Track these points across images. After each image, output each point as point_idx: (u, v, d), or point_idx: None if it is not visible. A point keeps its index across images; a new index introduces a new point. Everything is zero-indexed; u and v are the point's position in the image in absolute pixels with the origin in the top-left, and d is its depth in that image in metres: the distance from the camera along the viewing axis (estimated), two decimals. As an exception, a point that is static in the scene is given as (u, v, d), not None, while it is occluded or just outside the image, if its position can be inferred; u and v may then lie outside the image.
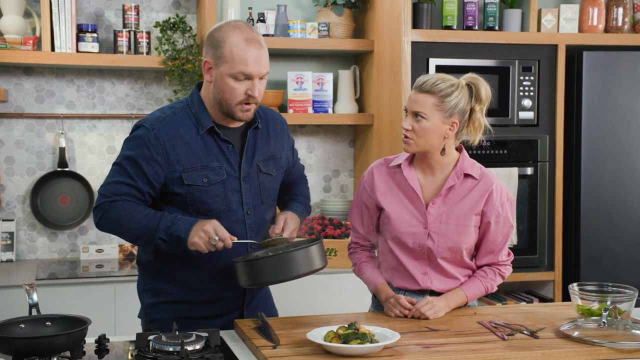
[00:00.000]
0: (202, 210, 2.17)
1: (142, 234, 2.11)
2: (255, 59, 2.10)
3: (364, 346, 1.84)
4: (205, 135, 2.18)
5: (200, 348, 1.94)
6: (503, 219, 2.32)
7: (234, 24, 2.15)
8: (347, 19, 3.88)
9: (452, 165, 2.31)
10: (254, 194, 2.24)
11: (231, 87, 2.11)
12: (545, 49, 3.69)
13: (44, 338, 1.79)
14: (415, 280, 2.33)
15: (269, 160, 2.29)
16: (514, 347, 1.93)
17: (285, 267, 2.02)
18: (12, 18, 3.43)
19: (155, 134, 2.14)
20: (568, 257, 3.79)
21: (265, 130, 2.30)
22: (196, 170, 2.15)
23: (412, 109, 2.24)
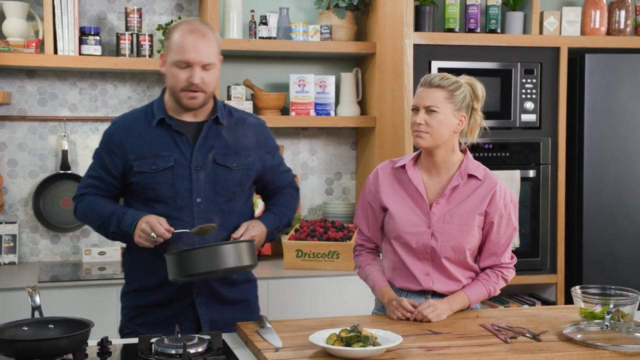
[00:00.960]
0: (151, 197, 2.32)
1: (101, 227, 2.34)
2: (194, 47, 2.24)
3: (367, 349, 1.84)
4: (159, 127, 2.34)
5: (203, 351, 1.95)
6: (506, 220, 2.33)
7: (187, 20, 2.35)
8: (349, 21, 3.88)
9: (457, 166, 2.35)
10: (206, 183, 2.32)
11: (174, 74, 2.27)
12: (547, 51, 3.69)
13: (46, 340, 1.79)
14: (417, 281, 2.34)
15: (230, 155, 2.37)
16: (517, 350, 1.93)
17: (212, 259, 2.06)
18: (15, 21, 3.44)
19: (113, 129, 2.38)
20: (570, 260, 3.79)
21: (232, 128, 2.40)
22: (146, 159, 2.32)
23: (423, 104, 2.29)
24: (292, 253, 3.57)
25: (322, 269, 3.53)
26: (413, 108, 2.33)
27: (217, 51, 2.32)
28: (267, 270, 3.57)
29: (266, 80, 3.96)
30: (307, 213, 4.05)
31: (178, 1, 3.84)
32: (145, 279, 2.37)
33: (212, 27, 2.35)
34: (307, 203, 4.06)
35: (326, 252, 3.54)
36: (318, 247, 3.54)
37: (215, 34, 2.33)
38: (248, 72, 3.92)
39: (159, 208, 2.31)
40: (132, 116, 2.42)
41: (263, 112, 3.79)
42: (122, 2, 3.77)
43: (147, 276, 2.36)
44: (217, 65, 2.31)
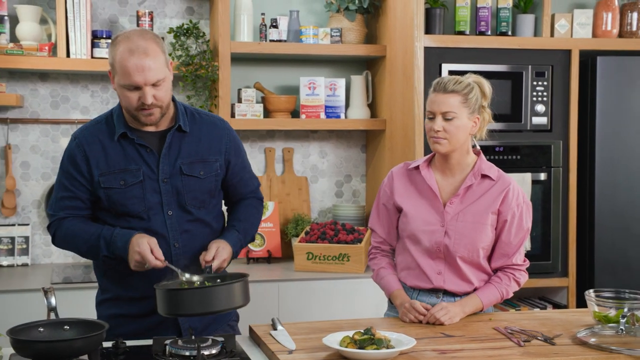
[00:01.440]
0: (122, 212, 2.26)
1: (90, 252, 2.27)
2: (138, 68, 2.13)
3: (380, 352, 1.84)
4: (122, 140, 2.26)
5: (217, 352, 1.95)
6: (518, 221, 2.34)
7: (126, 34, 2.20)
8: (359, 24, 3.88)
9: (471, 167, 2.37)
10: (175, 194, 2.27)
11: (125, 95, 2.18)
12: (558, 54, 3.68)
13: (62, 342, 1.80)
14: (428, 279, 2.36)
15: (196, 163, 2.30)
16: (531, 354, 1.92)
17: (204, 301, 1.98)
18: (28, 25, 3.46)
19: (77, 143, 2.28)
20: (582, 263, 3.78)
21: (196, 132, 2.33)
22: (113, 174, 2.24)
23: (440, 110, 2.30)
24: (302, 256, 3.58)
25: (332, 271, 3.53)
26: (429, 115, 2.34)
27: (165, 62, 2.20)
28: (277, 272, 3.58)
29: (276, 83, 3.97)
30: (317, 216, 4.06)
31: (189, 4, 3.85)
32: (123, 290, 2.31)
33: (154, 37, 2.21)
34: (317, 206, 4.07)
35: (336, 254, 3.54)
36: (328, 249, 3.55)
37: (158, 43, 2.20)
38: (258, 75, 3.93)
39: (131, 222, 2.26)
40: (93, 129, 2.30)
41: (274, 115, 3.79)
42: (134, 5, 3.78)
43: (125, 287, 2.30)
44: (167, 77, 2.20)
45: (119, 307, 2.31)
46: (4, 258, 3.58)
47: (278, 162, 4.01)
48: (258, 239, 3.79)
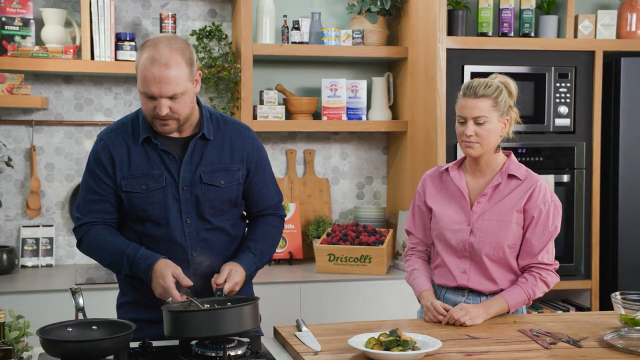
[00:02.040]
0: (142, 217, 2.24)
1: (112, 266, 2.26)
2: (155, 79, 2.09)
3: (406, 353, 1.84)
4: (146, 144, 2.24)
5: (242, 353, 1.96)
6: (544, 219, 2.35)
7: (155, 40, 2.16)
8: (380, 26, 3.88)
9: (500, 167, 2.41)
10: (194, 203, 2.24)
11: (143, 102, 2.16)
12: (582, 55, 3.66)
13: (91, 342, 1.82)
14: (453, 277, 2.39)
15: (218, 172, 2.27)
16: (558, 356, 1.92)
17: (213, 324, 1.91)
18: (53, 28, 3.50)
19: (103, 144, 2.26)
20: (605, 266, 3.75)
21: (220, 140, 2.29)
22: (135, 178, 2.22)
23: (472, 115, 2.33)
24: (324, 257, 3.58)
25: (354, 273, 3.53)
26: (460, 120, 2.37)
27: (187, 75, 2.14)
28: (299, 274, 3.59)
29: (297, 85, 3.98)
30: (338, 217, 4.06)
31: (211, 7, 3.87)
32: (141, 295, 2.28)
33: (181, 47, 2.15)
34: (338, 207, 4.07)
35: (358, 256, 3.55)
36: (350, 251, 3.55)
37: (184, 54, 2.14)
38: (280, 77, 3.94)
39: (151, 228, 2.24)
40: (118, 131, 2.29)
41: (295, 117, 3.80)
42: (157, 8, 3.81)
43: (142, 293, 2.27)
44: (188, 90, 2.15)
45: (137, 311, 2.30)
46: (29, 259, 3.62)
47: (299, 163, 4.02)
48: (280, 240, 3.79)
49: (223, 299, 2.11)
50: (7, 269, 3.45)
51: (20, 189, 3.68)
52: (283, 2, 3.88)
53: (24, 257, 3.62)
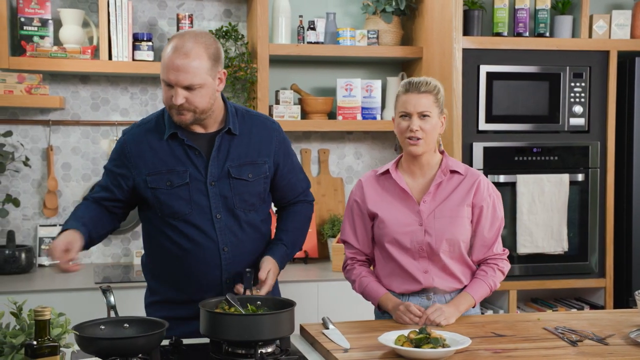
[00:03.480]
0: (168, 213, 2.26)
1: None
2: (175, 67, 2.13)
3: (437, 350, 1.86)
4: (171, 141, 2.26)
5: (272, 351, 1.98)
6: (492, 210, 2.38)
7: (182, 32, 2.23)
8: (395, 26, 3.90)
9: (438, 165, 2.39)
10: (223, 198, 2.26)
11: (163, 90, 2.20)
12: (596, 55, 3.68)
13: (126, 339, 1.84)
14: (416, 280, 2.34)
15: (245, 165, 2.29)
16: (586, 354, 1.93)
17: (249, 329, 1.92)
18: (71, 28, 3.52)
19: (126, 139, 2.30)
20: (619, 264, 3.77)
21: (246, 134, 2.32)
22: (160, 174, 2.25)
23: (417, 110, 2.30)
24: (340, 256, 3.59)
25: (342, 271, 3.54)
26: (402, 114, 2.33)
27: (208, 68, 2.16)
28: (315, 272, 3.61)
29: (312, 84, 4.00)
30: (353, 216, 4.07)
31: (226, 7, 3.89)
32: (172, 292, 2.32)
33: (207, 42, 2.19)
34: (352, 206, 4.08)
35: (374, 255, 3.56)
36: (367, 250, 3.56)
37: (209, 49, 2.18)
38: (295, 77, 3.96)
39: (179, 224, 2.26)
40: (143, 127, 2.31)
41: (310, 117, 3.82)
42: (173, 8, 3.83)
43: (174, 290, 2.32)
44: (206, 84, 2.16)
45: (167, 309, 2.31)
46: (46, 258, 3.64)
47: (314, 163, 4.04)
48: (295, 239, 3.81)
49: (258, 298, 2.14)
50: (26, 268, 3.47)
51: (37, 188, 3.70)
52: (298, 2, 3.90)
53: (41, 257, 3.64)
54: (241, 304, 2.07)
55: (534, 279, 3.65)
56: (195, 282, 2.29)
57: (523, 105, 3.64)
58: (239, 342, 1.94)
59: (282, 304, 2.08)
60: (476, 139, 3.60)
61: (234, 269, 2.28)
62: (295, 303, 2.05)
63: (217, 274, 2.28)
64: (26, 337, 1.47)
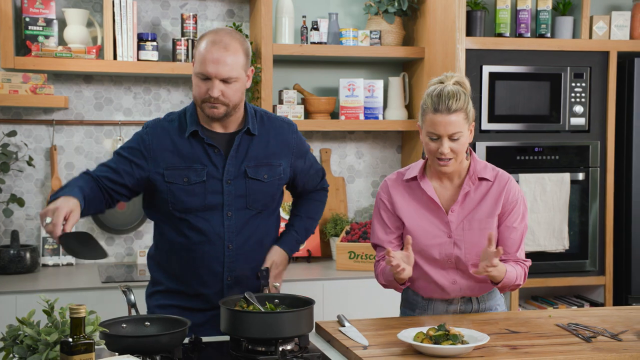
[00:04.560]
0: (180, 208, 2.30)
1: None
2: (214, 59, 2.19)
3: (457, 347, 1.89)
4: (192, 138, 2.31)
5: (291, 349, 2.00)
6: (516, 216, 2.30)
7: (216, 29, 2.29)
8: (397, 26, 3.93)
9: (466, 170, 2.32)
10: (237, 197, 2.31)
11: (196, 84, 2.24)
12: (596, 55, 3.73)
13: (149, 337, 1.85)
14: (444, 291, 2.33)
15: (262, 166, 2.34)
16: (601, 350, 1.97)
17: (269, 326, 1.94)
18: (76, 28, 3.52)
19: (148, 132, 2.34)
20: (619, 262, 3.82)
21: (264, 135, 2.37)
22: (178, 170, 2.29)
23: (447, 133, 2.19)
24: (344, 255, 3.62)
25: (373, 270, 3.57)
26: (432, 137, 2.22)
27: (243, 64, 2.24)
28: (318, 271, 3.63)
29: (314, 84, 4.02)
30: (354, 215, 4.10)
31: (229, 7, 3.90)
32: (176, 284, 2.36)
33: (241, 39, 2.27)
34: (353, 205, 4.11)
35: (378, 254, 3.59)
36: (370, 249, 3.59)
37: (243, 45, 2.26)
38: (298, 77, 3.98)
39: (189, 219, 2.29)
40: (166, 124, 2.36)
41: (314, 116, 3.84)
42: (176, 8, 3.84)
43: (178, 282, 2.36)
44: (241, 78, 2.24)
45: (168, 298, 2.37)
46: (50, 258, 3.64)
47: (316, 162, 4.06)
48: (298, 238, 3.84)
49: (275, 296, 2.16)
50: (31, 267, 3.47)
51: (40, 188, 3.70)
52: (300, 2, 3.92)
53: (45, 256, 3.63)
54: (259, 302, 2.09)
55: (535, 276, 3.69)
56: (197, 275, 2.33)
57: (524, 105, 3.68)
58: (259, 340, 1.96)
59: (300, 301, 2.11)
60: (479, 138, 3.64)
61: (236, 267, 2.32)
62: (314, 301, 2.07)
63: (219, 270, 2.32)
64: (59, 334, 1.49)
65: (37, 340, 1.47)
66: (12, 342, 1.51)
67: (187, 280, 2.35)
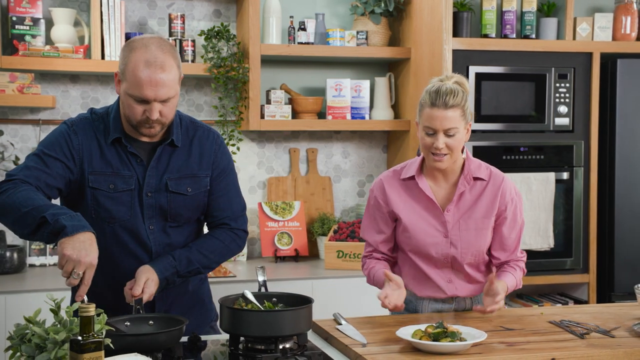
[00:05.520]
0: (105, 217, 2.14)
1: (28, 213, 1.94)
2: (151, 83, 2.01)
3: (456, 344, 1.92)
4: (116, 144, 2.15)
5: (290, 347, 2.01)
6: (513, 215, 2.34)
7: (144, 41, 2.07)
8: (383, 27, 3.96)
9: (460, 169, 2.34)
10: (158, 210, 2.18)
11: (131, 106, 2.06)
12: (580, 56, 3.78)
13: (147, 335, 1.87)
14: (440, 289, 2.37)
15: (184, 179, 2.20)
16: (596, 346, 2.00)
17: (269, 325, 1.94)
18: (63, 27, 3.50)
19: (74, 130, 2.15)
20: (602, 260, 3.88)
21: (187, 147, 2.22)
22: (104, 175, 2.14)
23: (443, 128, 2.22)
24: (333, 254, 3.64)
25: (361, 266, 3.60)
26: (428, 131, 2.24)
27: (178, 78, 2.09)
28: (307, 270, 3.64)
29: (301, 84, 4.04)
30: (340, 215, 4.12)
31: (216, 7, 3.90)
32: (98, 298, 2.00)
33: (171, 50, 2.08)
34: (340, 205, 4.13)
35: (366, 253, 3.61)
36: (359, 248, 3.61)
37: (175, 57, 2.09)
38: (285, 77, 4.00)
39: (113, 229, 2.15)
40: (92, 124, 2.17)
41: (301, 116, 3.86)
42: (162, 8, 3.83)
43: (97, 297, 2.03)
44: (177, 93, 2.10)
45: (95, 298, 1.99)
46: (36, 258, 3.61)
47: (302, 162, 4.08)
48: (285, 237, 3.85)
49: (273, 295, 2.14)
50: (18, 268, 3.44)
51: (26, 188, 3.67)
52: (286, 2, 3.93)
53: (32, 256, 3.61)
54: (258, 301, 2.10)
55: (520, 275, 3.73)
56: (116, 291, 2.14)
57: (510, 105, 3.73)
58: (259, 338, 1.97)
59: (298, 300, 2.12)
60: (466, 138, 3.67)
61: None
62: (312, 299, 2.08)
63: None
64: (67, 333, 1.49)
65: (45, 339, 1.47)
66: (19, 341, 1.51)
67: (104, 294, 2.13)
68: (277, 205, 3.91)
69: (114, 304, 2.08)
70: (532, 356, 1.93)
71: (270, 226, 3.86)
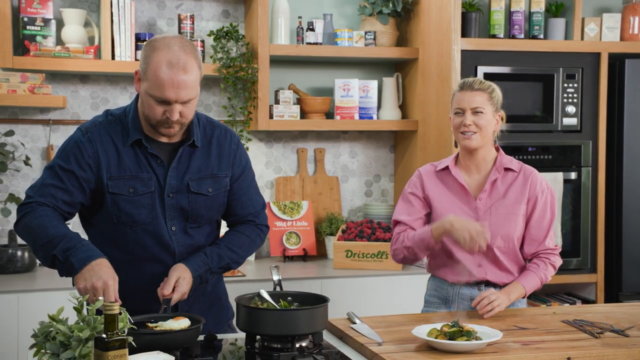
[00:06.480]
0: (126, 221, 2.13)
1: (44, 247, 2.01)
2: (173, 84, 2.00)
3: (472, 343, 1.93)
4: (135, 146, 2.14)
5: (306, 345, 2.02)
6: (544, 206, 2.48)
7: (167, 41, 2.06)
8: (391, 27, 3.97)
9: (493, 162, 2.51)
10: (179, 211, 2.17)
11: (151, 105, 2.05)
12: (588, 56, 3.79)
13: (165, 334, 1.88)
14: (470, 273, 2.45)
15: (205, 179, 2.20)
16: (611, 345, 2.01)
17: (286, 323, 1.95)
18: (73, 28, 3.51)
19: (89, 137, 2.13)
20: (610, 260, 3.89)
21: (207, 147, 2.22)
22: (123, 179, 2.12)
23: (470, 106, 2.43)
24: (341, 253, 3.66)
25: (370, 268, 3.62)
26: (457, 111, 2.47)
27: (199, 79, 2.08)
28: (316, 269, 3.66)
29: (309, 84, 4.05)
30: (348, 214, 4.14)
31: (224, 7, 3.92)
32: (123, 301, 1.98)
33: (193, 50, 2.07)
34: (347, 205, 4.15)
35: (375, 252, 3.63)
36: (367, 247, 3.63)
37: (197, 58, 2.07)
38: (293, 77, 4.01)
39: (135, 233, 2.14)
40: (108, 127, 2.16)
41: (309, 116, 3.87)
42: (171, 8, 3.84)
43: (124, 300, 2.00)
44: (198, 94, 2.09)
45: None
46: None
47: (310, 162, 4.09)
48: (293, 237, 3.86)
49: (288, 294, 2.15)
50: (28, 267, 3.45)
51: (36, 188, 3.68)
52: (294, 3, 3.95)
53: (41, 256, 3.62)
54: (273, 300, 2.11)
55: (528, 274, 3.75)
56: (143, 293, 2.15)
57: (518, 106, 3.74)
58: (275, 337, 1.98)
59: (314, 298, 2.13)
60: (474, 138, 3.68)
61: None
62: (328, 299, 2.09)
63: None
64: (91, 330, 1.50)
65: (70, 336, 1.48)
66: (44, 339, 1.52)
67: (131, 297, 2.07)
68: (285, 205, 3.92)
69: (139, 308, 2.06)
70: (547, 355, 1.94)
71: (278, 226, 3.87)
